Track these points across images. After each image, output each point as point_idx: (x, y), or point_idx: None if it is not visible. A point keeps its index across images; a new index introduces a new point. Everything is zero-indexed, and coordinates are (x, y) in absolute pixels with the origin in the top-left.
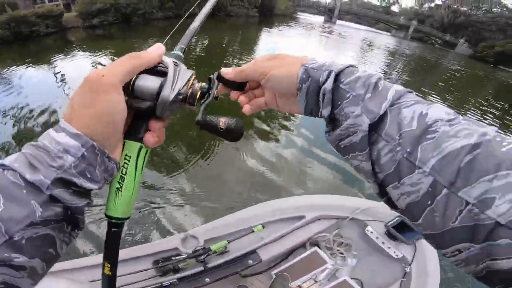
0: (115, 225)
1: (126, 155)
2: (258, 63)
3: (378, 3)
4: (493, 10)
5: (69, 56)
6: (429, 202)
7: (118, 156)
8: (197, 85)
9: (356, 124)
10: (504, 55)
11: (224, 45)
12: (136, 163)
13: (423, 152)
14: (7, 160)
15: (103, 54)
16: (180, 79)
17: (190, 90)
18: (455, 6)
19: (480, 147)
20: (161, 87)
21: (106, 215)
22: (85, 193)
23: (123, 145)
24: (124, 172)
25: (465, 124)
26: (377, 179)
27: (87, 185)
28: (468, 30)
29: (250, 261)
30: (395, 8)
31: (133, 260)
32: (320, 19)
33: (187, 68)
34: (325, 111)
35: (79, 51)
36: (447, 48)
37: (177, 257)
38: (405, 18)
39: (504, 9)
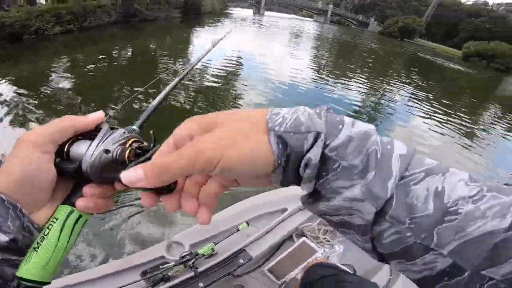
0: None
1: (54, 217)
2: (189, 148)
3: None
4: None
5: None
6: (445, 279)
7: (42, 218)
8: (134, 145)
9: (354, 209)
10: (406, 29)
11: (152, 53)
12: (63, 226)
13: (440, 236)
14: None
15: None
16: (112, 140)
17: (117, 152)
18: None
19: None
20: (87, 149)
21: (14, 276)
22: None
23: (56, 210)
24: (46, 233)
25: (491, 198)
26: (376, 252)
27: None
28: (375, 10)
29: (241, 260)
30: None
31: (120, 274)
32: (250, 12)
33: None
34: (307, 187)
35: None
36: (362, 28)
37: (165, 265)
38: (323, 3)
39: None
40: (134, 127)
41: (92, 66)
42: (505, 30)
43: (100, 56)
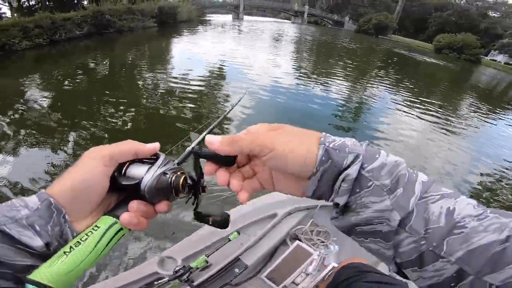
0: None
1: (95, 225)
2: (257, 134)
3: None
4: None
5: None
6: (452, 284)
7: (82, 226)
8: (182, 177)
9: (384, 218)
10: (380, 26)
11: (129, 64)
12: (102, 236)
13: (450, 246)
14: None
15: None
16: (167, 167)
17: (174, 177)
18: None
19: (510, 240)
20: (147, 170)
21: (27, 280)
22: (31, 254)
23: (99, 219)
24: (83, 239)
25: (493, 218)
26: (396, 264)
27: (27, 239)
28: (349, 9)
29: (237, 270)
30: None
31: None
32: (229, 17)
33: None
34: (341, 200)
35: None
36: (338, 27)
37: (159, 281)
38: (299, 4)
39: None
40: (176, 161)
41: (68, 81)
42: (469, 22)
43: (76, 71)
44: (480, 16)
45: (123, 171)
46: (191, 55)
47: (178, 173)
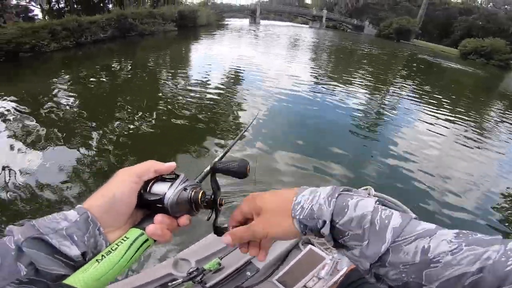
0: None
1: (125, 236)
2: (251, 229)
3: None
4: None
5: None
6: None
7: (114, 237)
8: (201, 193)
9: (357, 261)
10: (402, 30)
11: (150, 67)
12: (130, 245)
13: (427, 277)
14: (13, 227)
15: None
16: (187, 184)
17: (193, 193)
18: None
19: (483, 271)
20: (169, 187)
21: (62, 285)
22: (66, 264)
23: (127, 231)
24: (114, 248)
25: (467, 251)
26: (385, 284)
27: (66, 249)
28: (369, 13)
29: (248, 273)
30: (308, 0)
31: None
32: (246, 22)
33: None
34: (330, 244)
35: None
36: (358, 32)
37: (173, 282)
38: (317, 8)
39: None
40: (197, 180)
41: (93, 82)
42: (497, 26)
43: (100, 73)
44: (509, 20)
45: (148, 188)
46: (210, 61)
47: (197, 189)
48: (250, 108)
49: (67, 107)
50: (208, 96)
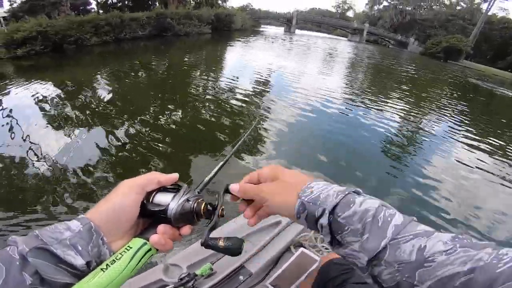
0: None
1: (128, 245)
2: (261, 187)
3: (335, 10)
4: (433, 7)
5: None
6: None
7: (117, 247)
8: (203, 204)
9: (355, 257)
10: (451, 50)
11: (186, 67)
12: (134, 255)
13: (420, 276)
14: (16, 238)
15: (41, 85)
16: (189, 195)
17: (195, 204)
18: (400, 7)
19: (474, 272)
20: (173, 198)
21: None
22: (71, 273)
23: (131, 241)
24: (118, 258)
25: (461, 252)
26: (380, 285)
27: (70, 258)
28: (416, 29)
29: (241, 277)
30: (350, 14)
31: None
32: (281, 30)
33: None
34: (326, 238)
35: (12, 85)
36: (400, 48)
37: None
38: (358, 22)
39: (442, 6)
40: (197, 190)
41: (128, 77)
42: None
43: (135, 69)
44: None
45: (151, 198)
46: (239, 67)
47: (199, 200)
48: (273, 121)
49: (102, 96)
50: (233, 102)
